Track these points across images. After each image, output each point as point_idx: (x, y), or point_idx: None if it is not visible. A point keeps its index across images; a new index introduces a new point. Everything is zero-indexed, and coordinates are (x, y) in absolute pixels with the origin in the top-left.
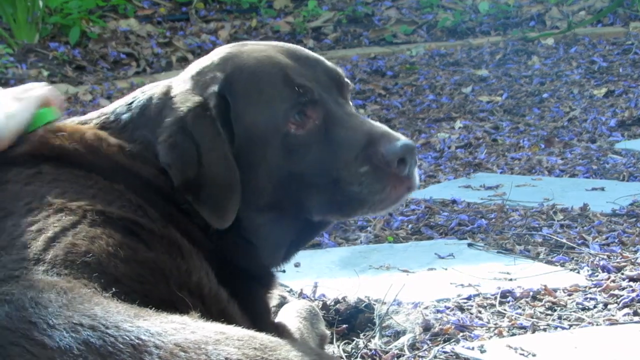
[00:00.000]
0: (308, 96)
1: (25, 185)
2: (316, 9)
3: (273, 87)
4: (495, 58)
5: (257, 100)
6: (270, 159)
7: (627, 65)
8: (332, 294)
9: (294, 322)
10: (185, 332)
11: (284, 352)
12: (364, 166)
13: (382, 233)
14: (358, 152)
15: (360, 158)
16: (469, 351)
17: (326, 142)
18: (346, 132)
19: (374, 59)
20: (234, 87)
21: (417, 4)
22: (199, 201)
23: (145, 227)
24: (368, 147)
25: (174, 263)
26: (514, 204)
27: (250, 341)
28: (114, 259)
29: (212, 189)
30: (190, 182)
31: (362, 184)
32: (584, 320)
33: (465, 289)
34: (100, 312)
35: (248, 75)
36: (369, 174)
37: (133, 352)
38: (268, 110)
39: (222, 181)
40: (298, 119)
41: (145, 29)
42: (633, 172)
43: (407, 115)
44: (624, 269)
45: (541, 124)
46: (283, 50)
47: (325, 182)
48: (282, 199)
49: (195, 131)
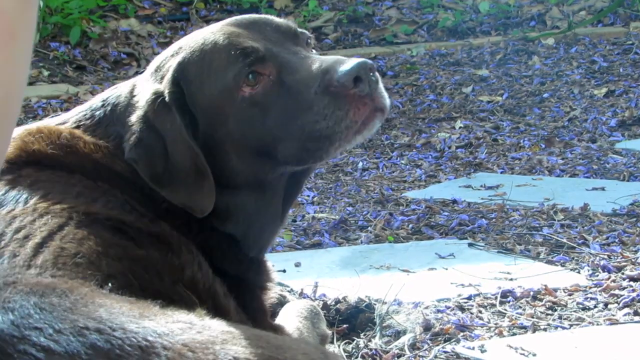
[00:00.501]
0: (254, 55)
1: (6, 192)
2: (317, 8)
3: (220, 58)
4: (496, 58)
5: (208, 76)
6: (234, 130)
7: (628, 65)
8: (332, 294)
9: (294, 321)
10: (192, 332)
11: (291, 351)
12: (324, 99)
13: (383, 233)
14: (315, 87)
15: (319, 92)
16: (470, 351)
17: (284, 92)
18: (301, 74)
19: (374, 59)
20: (187, 70)
21: (417, 3)
22: (173, 194)
23: (132, 225)
24: (323, 79)
25: (165, 259)
26: (515, 203)
27: (257, 340)
28: (105, 258)
29: (182, 179)
30: (160, 176)
31: (326, 117)
32: (585, 320)
33: (465, 289)
34: (105, 314)
35: (197, 57)
36: (329, 104)
37: (141, 354)
38: (219, 82)
39: (190, 168)
40: (251, 80)
41: (145, 29)
42: (633, 172)
43: (408, 115)
44: (625, 268)
45: (541, 124)
46: (232, 22)
47: (293, 131)
48: (257, 169)
49: (157, 123)
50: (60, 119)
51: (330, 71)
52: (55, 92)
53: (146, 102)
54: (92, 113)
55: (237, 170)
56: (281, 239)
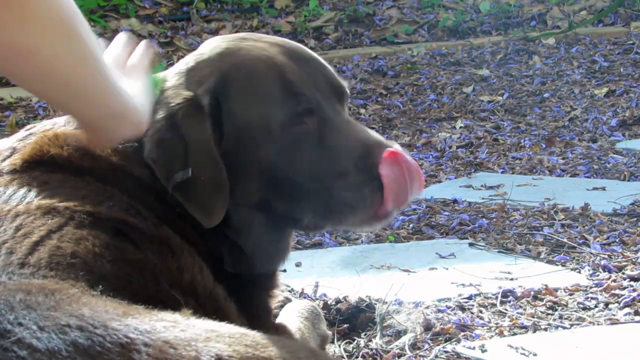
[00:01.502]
0: (305, 105)
1: (15, 191)
2: (317, 8)
3: (270, 91)
4: (497, 58)
5: (252, 102)
6: (262, 161)
7: (628, 65)
8: (333, 294)
9: (295, 322)
10: (175, 330)
11: (275, 349)
12: (361, 176)
13: (383, 233)
14: (356, 160)
15: (360, 167)
16: (470, 351)
17: (321, 148)
18: (342, 139)
19: (375, 59)
20: (229, 86)
21: (418, 3)
22: (186, 199)
23: (135, 227)
24: (366, 156)
25: (164, 262)
26: (515, 203)
27: (241, 338)
28: (101, 259)
29: (199, 188)
30: (174, 180)
31: (359, 191)
32: (585, 320)
33: (466, 289)
34: (88, 312)
35: (244, 75)
36: (364, 183)
37: (122, 350)
38: (263, 115)
39: (209, 180)
40: (296, 125)
41: (146, 29)
42: (634, 171)
43: (408, 115)
44: (625, 268)
45: (542, 124)
46: (284, 50)
47: (317, 186)
48: (272, 200)
49: (184, 128)
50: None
51: (373, 155)
52: None
53: (178, 105)
54: None
55: (253, 193)
56: None
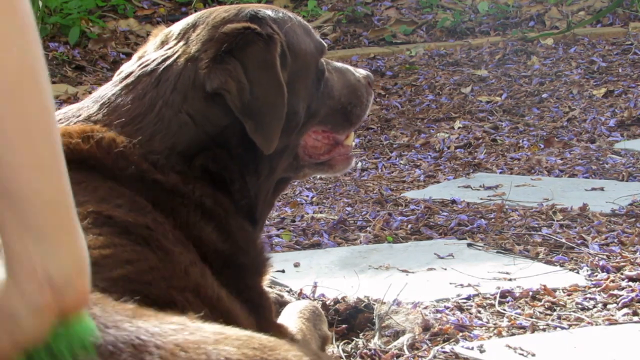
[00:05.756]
0: (324, 47)
1: None
2: (316, 9)
3: (307, 31)
4: (495, 58)
5: (302, 35)
6: (309, 89)
7: (627, 65)
8: (331, 294)
9: (297, 322)
10: (185, 333)
11: (282, 352)
12: (365, 85)
13: (382, 233)
14: (365, 83)
15: (361, 80)
16: (469, 351)
17: (337, 72)
18: (347, 71)
19: (373, 59)
20: (281, 20)
21: (416, 4)
22: (258, 125)
23: (146, 229)
24: (366, 78)
25: (172, 266)
26: (514, 204)
27: (249, 341)
28: (109, 260)
29: (264, 114)
30: (246, 107)
31: (365, 92)
32: (584, 320)
33: (464, 289)
34: (99, 312)
35: (285, 17)
36: (367, 89)
37: (134, 351)
38: (310, 45)
39: (274, 105)
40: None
41: (145, 29)
42: (632, 172)
43: (407, 115)
44: (624, 268)
45: (540, 124)
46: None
47: (339, 107)
48: (302, 128)
49: (246, 56)
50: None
51: (366, 74)
52: (55, 92)
53: (235, 29)
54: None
55: (296, 121)
56: (280, 239)
